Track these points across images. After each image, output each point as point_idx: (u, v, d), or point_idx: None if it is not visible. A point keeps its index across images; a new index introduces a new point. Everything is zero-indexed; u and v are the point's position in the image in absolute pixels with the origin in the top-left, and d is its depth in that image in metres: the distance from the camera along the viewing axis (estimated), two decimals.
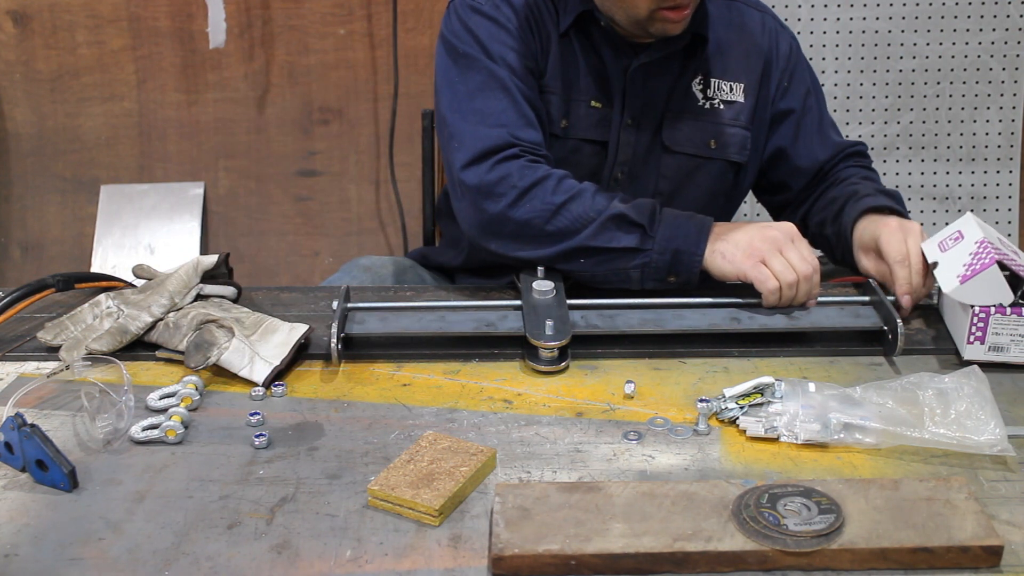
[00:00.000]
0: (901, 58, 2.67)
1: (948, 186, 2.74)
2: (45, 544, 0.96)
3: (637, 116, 1.57)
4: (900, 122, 2.70)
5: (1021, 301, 1.28)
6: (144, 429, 1.14)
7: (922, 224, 1.57)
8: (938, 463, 1.09)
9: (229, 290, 1.42)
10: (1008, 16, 2.65)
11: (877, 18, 2.65)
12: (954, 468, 1.08)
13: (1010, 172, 2.73)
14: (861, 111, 2.69)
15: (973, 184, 2.74)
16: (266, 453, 1.11)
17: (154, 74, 2.72)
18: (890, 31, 2.65)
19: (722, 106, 1.59)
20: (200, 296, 1.39)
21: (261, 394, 1.22)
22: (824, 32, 2.65)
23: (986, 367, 1.20)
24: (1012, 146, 2.72)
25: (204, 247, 2.81)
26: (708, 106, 1.59)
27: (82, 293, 1.45)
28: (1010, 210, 2.75)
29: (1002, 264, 1.28)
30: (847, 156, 1.67)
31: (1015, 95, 2.69)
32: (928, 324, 1.40)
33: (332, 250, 2.86)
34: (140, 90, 2.73)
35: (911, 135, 2.71)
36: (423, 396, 1.23)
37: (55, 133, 2.76)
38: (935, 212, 2.74)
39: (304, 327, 1.32)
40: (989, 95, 2.69)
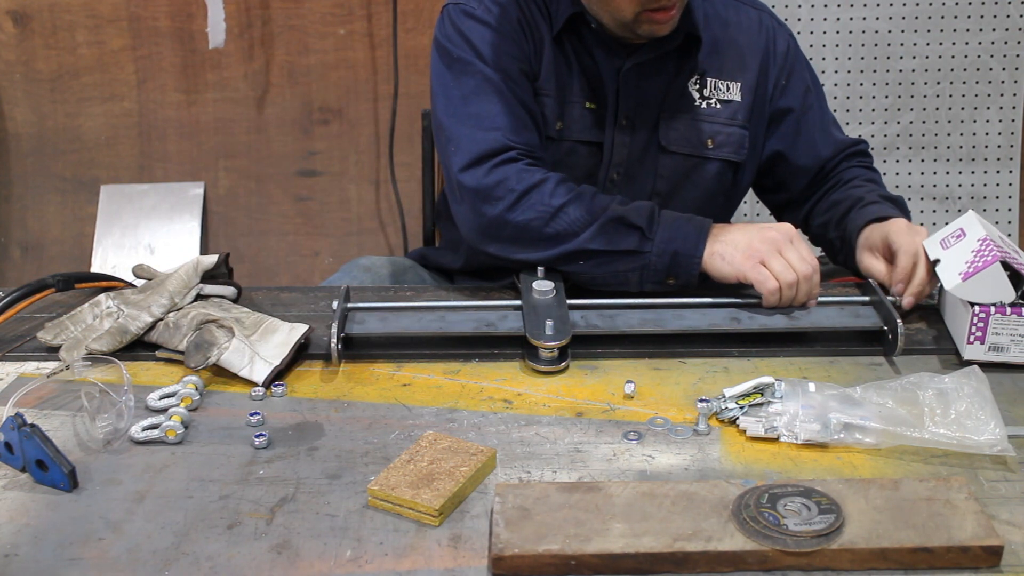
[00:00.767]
0: (901, 58, 2.67)
1: (948, 186, 2.74)
2: (45, 544, 0.96)
3: (632, 117, 1.57)
4: (900, 122, 2.70)
5: (1021, 301, 1.28)
6: (144, 429, 1.14)
7: (922, 224, 1.57)
8: (938, 463, 1.09)
9: (229, 290, 1.42)
10: (1008, 16, 2.65)
11: (877, 18, 2.65)
12: (954, 468, 1.08)
13: (1010, 172, 2.73)
14: (861, 111, 2.69)
15: (973, 184, 2.73)
16: (266, 453, 1.11)
17: (154, 74, 2.72)
18: (890, 31, 2.65)
19: (719, 105, 1.59)
20: (200, 296, 1.39)
21: (261, 394, 1.22)
22: (824, 32, 2.65)
23: (986, 367, 1.20)
24: (1012, 146, 2.72)
25: (204, 247, 2.80)
26: (705, 105, 1.59)
27: (82, 293, 1.45)
28: (1010, 210, 2.75)
29: (1004, 263, 1.28)
30: (850, 155, 1.67)
31: (1015, 95, 2.69)
32: (928, 324, 1.40)
33: (332, 250, 2.86)
34: (140, 90, 2.73)
35: (911, 135, 2.71)
36: (423, 396, 1.23)
37: (55, 133, 2.76)
38: (935, 212, 2.74)
39: (304, 327, 1.32)
40: (989, 95, 2.69)
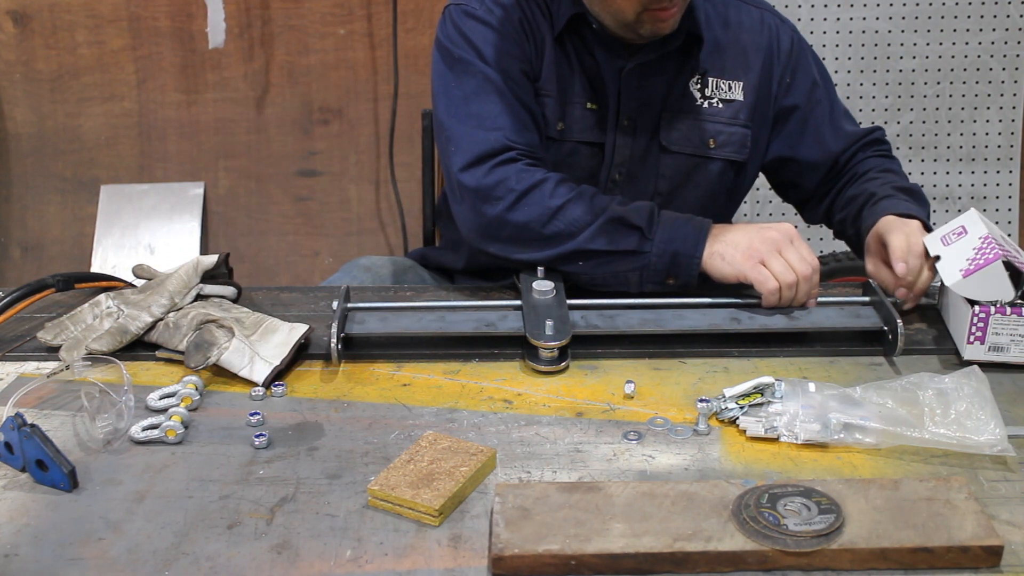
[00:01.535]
0: (901, 58, 2.67)
1: (948, 186, 2.74)
2: (45, 544, 0.96)
3: (633, 117, 1.57)
4: (900, 122, 2.70)
5: (1022, 300, 1.28)
6: (144, 429, 1.14)
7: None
8: (938, 463, 1.08)
9: (229, 290, 1.42)
10: (1008, 16, 2.65)
11: (877, 18, 2.65)
12: (954, 468, 1.08)
13: (1010, 172, 2.73)
14: (861, 111, 2.69)
15: (973, 184, 2.73)
16: (266, 453, 1.11)
17: (154, 74, 2.72)
18: (890, 31, 2.65)
19: (721, 105, 1.59)
20: (200, 296, 1.39)
21: (261, 394, 1.22)
22: (824, 32, 2.65)
23: (986, 367, 1.20)
24: (1012, 146, 2.72)
25: (204, 247, 2.80)
26: (707, 105, 1.59)
27: (82, 293, 1.45)
28: (1010, 210, 2.75)
29: (1006, 262, 1.28)
30: (865, 145, 1.65)
31: (1015, 95, 2.69)
32: (928, 324, 1.40)
33: (332, 250, 2.86)
34: (140, 90, 2.73)
35: (911, 135, 2.71)
36: (423, 396, 1.23)
37: (55, 133, 2.76)
38: (935, 212, 2.74)
39: (304, 327, 1.32)
40: (989, 95, 2.69)
